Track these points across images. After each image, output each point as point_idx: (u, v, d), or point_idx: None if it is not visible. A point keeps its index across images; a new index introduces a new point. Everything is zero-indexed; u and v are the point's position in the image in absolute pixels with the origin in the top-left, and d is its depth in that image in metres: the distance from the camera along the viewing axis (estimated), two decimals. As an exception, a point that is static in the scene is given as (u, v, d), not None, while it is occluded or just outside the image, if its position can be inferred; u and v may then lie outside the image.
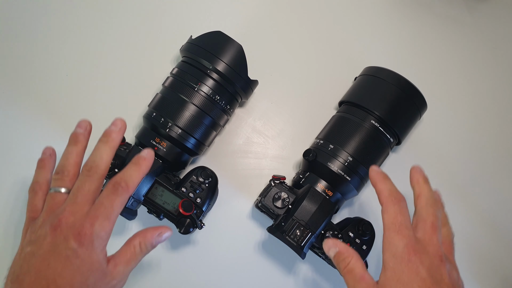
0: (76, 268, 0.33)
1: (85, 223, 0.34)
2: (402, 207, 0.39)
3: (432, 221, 0.38)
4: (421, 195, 0.40)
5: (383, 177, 0.42)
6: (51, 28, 0.60)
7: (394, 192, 0.40)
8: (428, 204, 0.39)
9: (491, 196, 0.62)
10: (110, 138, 0.38)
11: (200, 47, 0.50)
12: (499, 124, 0.66)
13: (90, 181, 0.36)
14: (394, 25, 0.67)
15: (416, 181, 0.42)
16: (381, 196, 0.40)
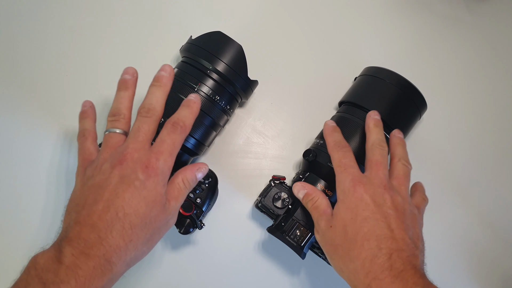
0: (142, 198, 0.35)
1: (150, 157, 0.36)
2: (346, 152, 0.45)
3: (377, 159, 0.44)
4: (369, 139, 0.46)
5: (332, 130, 0.47)
6: (51, 28, 0.60)
7: (338, 141, 0.46)
8: (373, 145, 0.45)
9: (491, 196, 0.62)
10: (162, 83, 0.40)
11: (200, 47, 0.50)
12: (499, 124, 0.66)
13: (149, 122, 0.39)
14: (394, 25, 0.67)
15: (367, 126, 0.48)
16: (328, 147, 0.46)
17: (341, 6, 0.67)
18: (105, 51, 0.60)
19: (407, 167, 0.46)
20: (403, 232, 0.40)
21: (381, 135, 0.46)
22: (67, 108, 0.58)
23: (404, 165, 0.46)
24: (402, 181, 0.45)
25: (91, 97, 0.59)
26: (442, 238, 0.60)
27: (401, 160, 0.46)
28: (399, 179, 0.45)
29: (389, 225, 0.39)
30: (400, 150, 0.47)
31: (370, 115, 0.48)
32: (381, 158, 0.44)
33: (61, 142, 0.56)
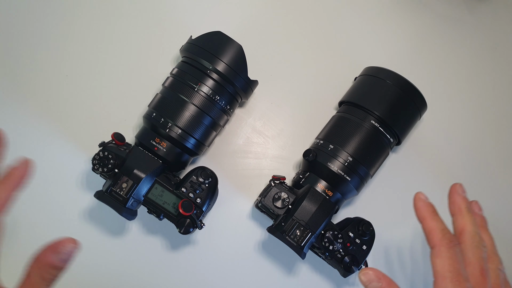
0: None
1: None
2: (458, 253, 0.35)
3: (481, 266, 0.35)
4: (465, 231, 0.37)
5: (432, 211, 0.38)
6: (51, 28, 0.60)
7: (447, 233, 0.36)
8: (474, 244, 0.36)
9: (491, 196, 0.62)
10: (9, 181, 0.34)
11: (200, 47, 0.50)
12: (499, 124, 0.66)
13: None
14: (394, 25, 0.67)
15: (458, 209, 0.39)
16: (433, 236, 0.36)
17: (341, 6, 0.67)
18: (105, 51, 0.60)
19: (502, 272, 0.38)
20: None
21: (477, 226, 0.38)
22: (67, 108, 0.58)
23: (500, 271, 0.38)
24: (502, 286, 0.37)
25: (91, 97, 0.59)
26: (442, 238, 0.60)
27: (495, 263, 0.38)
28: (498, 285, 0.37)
29: None
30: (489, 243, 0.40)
31: (458, 191, 0.40)
32: (485, 264, 0.36)
33: (61, 142, 0.56)
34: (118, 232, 0.55)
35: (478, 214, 0.41)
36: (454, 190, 0.40)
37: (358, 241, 0.49)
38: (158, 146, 0.49)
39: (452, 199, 0.40)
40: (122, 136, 0.51)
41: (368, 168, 0.52)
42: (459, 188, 0.40)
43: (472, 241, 0.36)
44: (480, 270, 0.35)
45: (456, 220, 0.38)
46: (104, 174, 0.48)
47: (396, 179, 0.61)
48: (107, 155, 0.48)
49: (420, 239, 0.60)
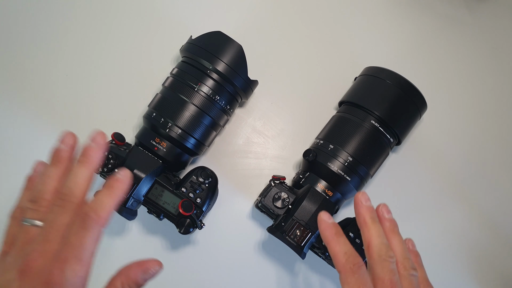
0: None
1: (54, 268, 0.28)
2: (364, 274, 0.34)
3: (390, 279, 0.34)
4: (371, 245, 0.36)
5: (335, 233, 0.37)
6: (51, 28, 0.60)
7: (351, 256, 0.35)
8: (381, 257, 0.35)
9: (491, 196, 0.62)
10: (88, 159, 0.33)
11: (200, 47, 0.50)
12: (499, 124, 0.66)
13: (63, 212, 0.30)
14: (394, 25, 0.67)
15: (363, 221, 0.38)
16: (337, 261, 0.36)
17: (341, 6, 0.67)
18: (105, 51, 0.60)
19: (415, 276, 0.36)
20: None
21: (383, 237, 0.37)
22: (67, 108, 0.58)
23: (413, 275, 0.36)
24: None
25: (91, 97, 0.59)
26: (442, 237, 0.60)
27: (407, 269, 0.36)
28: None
29: None
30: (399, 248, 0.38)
31: (361, 200, 0.39)
32: (393, 276, 0.34)
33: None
34: (118, 232, 0.55)
35: (387, 219, 0.40)
36: (357, 201, 0.39)
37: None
38: (158, 146, 0.49)
39: (357, 211, 0.39)
40: (122, 136, 0.51)
41: (368, 168, 0.52)
42: (362, 197, 0.39)
43: (379, 255, 0.35)
44: (390, 285, 0.34)
45: (363, 233, 0.38)
46: (104, 174, 0.48)
47: (396, 179, 0.61)
48: (107, 155, 0.48)
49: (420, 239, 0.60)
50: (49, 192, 0.32)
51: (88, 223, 0.30)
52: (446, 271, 0.59)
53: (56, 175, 0.33)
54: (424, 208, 0.60)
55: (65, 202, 0.31)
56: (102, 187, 0.32)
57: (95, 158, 0.33)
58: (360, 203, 0.39)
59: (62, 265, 0.28)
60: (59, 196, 0.31)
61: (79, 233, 0.29)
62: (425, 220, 0.60)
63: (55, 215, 0.30)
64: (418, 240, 0.59)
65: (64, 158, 0.34)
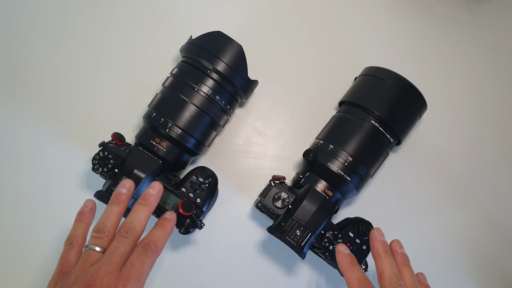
0: None
1: (118, 284, 0.34)
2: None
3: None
4: (383, 274, 0.41)
5: (349, 262, 0.43)
6: (51, 28, 0.60)
7: (364, 282, 0.40)
8: (391, 284, 0.40)
9: (491, 195, 0.62)
10: (148, 202, 0.40)
11: (200, 47, 0.50)
12: (499, 124, 0.66)
13: (126, 242, 0.37)
14: (394, 25, 0.67)
15: (377, 254, 0.43)
16: (350, 286, 0.41)
17: (341, 6, 0.67)
18: (105, 51, 0.60)
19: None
20: None
21: (395, 268, 0.42)
22: (67, 108, 0.58)
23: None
24: None
25: (91, 97, 0.59)
26: (442, 237, 0.60)
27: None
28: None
29: None
30: (409, 279, 0.42)
31: (376, 236, 0.46)
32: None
33: (61, 142, 0.56)
34: (118, 232, 0.55)
35: (399, 253, 0.45)
36: (373, 236, 0.45)
37: (358, 241, 0.49)
38: (158, 146, 0.49)
39: (372, 244, 0.45)
40: (122, 136, 0.51)
41: (368, 168, 0.52)
42: (377, 233, 0.45)
43: (390, 283, 0.40)
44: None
45: (376, 264, 0.43)
46: (104, 174, 0.48)
47: (396, 179, 0.61)
48: (107, 155, 0.48)
49: (420, 239, 0.60)
50: (112, 226, 0.38)
51: (149, 252, 0.37)
52: (446, 271, 0.59)
53: (118, 212, 0.40)
54: (424, 208, 0.60)
55: (128, 234, 0.37)
56: (155, 226, 0.40)
57: (154, 203, 0.41)
58: (375, 238, 0.45)
59: (125, 283, 0.34)
60: (123, 229, 0.38)
61: (141, 258, 0.36)
62: (425, 220, 0.60)
63: (118, 243, 0.36)
64: (418, 240, 0.60)
65: (124, 200, 0.40)
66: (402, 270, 0.43)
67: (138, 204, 0.40)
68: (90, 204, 0.42)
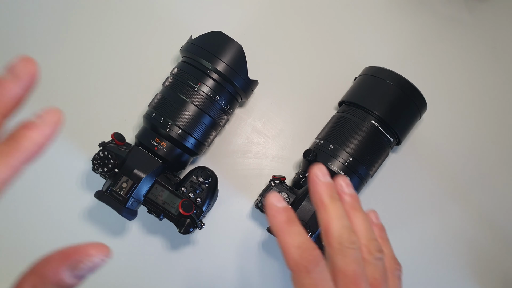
0: None
1: None
2: (320, 273, 0.27)
3: (353, 270, 0.28)
4: (329, 229, 0.30)
5: (286, 220, 0.30)
6: (51, 28, 0.60)
7: (306, 250, 0.28)
8: (341, 244, 0.29)
9: (491, 196, 0.62)
10: None
11: (200, 47, 0.50)
12: (499, 124, 0.66)
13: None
14: (394, 25, 0.67)
15: (320, 201, 0.31)
16: (288, 257, 0.29)
17: (341, 6, 0.67)
18: (105, 51, 0.60)
19: (381, 260, 0.31)
20: None
21: (344, 218, 0.30)
22: (67, 108, 0.58)
23: (379, 259, 0.31)
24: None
25: (91, 97, 0.59)
26: (442, 237, 0.60)
27: (372, 253, 0.30)
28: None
29: None
30: (362, 227, 0.32)
31: (317, 174, 0.31)
32: (358, 266, 0.28)
33: (61, 142, 0.56)
34: (118, 232, 0.55)
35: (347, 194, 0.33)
36: (312, 176, 0.31)
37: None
38: (158, 146, 0.49)
39: (312, 189, 0.31)
40: (122, 136, 0.51)
41: (368, 168, 0.52)
42: (318, 171, 0.31)
43: (339, 242, 0.29)
44: (353, 279, 0.28)
45: (319, 216, 0.31)
46: (104, 174, 0.48)
47: (396, 179, 0.61)
48: (107, 155, 0.48)
49: (420, 239, 0.60)
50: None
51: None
52: (446, 271, 0.59)
53: None
54: (424, 208, 0.60)
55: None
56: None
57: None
58: (315, 179, 0.31)
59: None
60: None
61: None
62: (425, 220, 0.60)
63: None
64: (419, 239, 0.60)
65: None
66: (352, 216, 0.32)
67: None
68: None
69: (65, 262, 0.21)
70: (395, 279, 0.33)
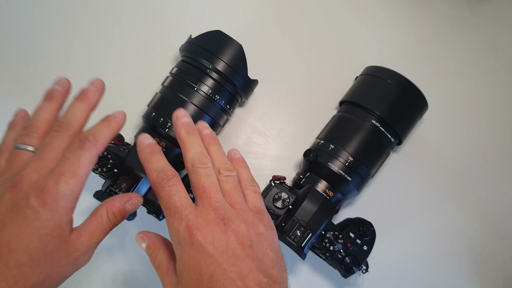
0: (34, 231, 0.28)
1: (49, 180, 0.29)
2: (173, 185, 0.33)
3: (203, 183, 0.33)
4: (186, 157, 0.35)
5: (150, 152, 0.35)
6: (51, 28, 0.60)
7: (162, 171, 0.34)
8: (194, 165, 0.34)
9: (491, 195, 0.62)
10: (86, 97, 0.35)
11: (199, 46, 0.50)
12: (500, 123, 0.65)
13: (60, 137, 0.32)
14: (395, 24, 0.67)
15: (179, 138, 0.36)
16: (150, 180, 0.34)
17: (341, 5, 0.67)
18: (105, 51, 0.60)
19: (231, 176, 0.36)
20: (257, 274, 0.31)
21: (199, 146, 0.36)
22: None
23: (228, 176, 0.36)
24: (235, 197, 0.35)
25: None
26: (442, 237, 0.60)
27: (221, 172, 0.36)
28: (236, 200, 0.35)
29: (240, 273, 0.30)
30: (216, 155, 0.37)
31: (178, 117, 0.37)
32: (208, 179, 0.34)
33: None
34: (117, 234, 0.55)
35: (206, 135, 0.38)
36: (173, 119, 0.37)
37: (359, 242, 0.49)
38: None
39: (174, 129, 0.37)
40: (122, 136, 0.51)
41: (369, 168, 0.52)
42: (178, 113, 0.37)
43: (192, 164, 0.34)
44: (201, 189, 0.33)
45: (179, 141, 0.37)
46: (104, 174, 0.48)
47: (397, 179, 0.61)
48: (106, 155, 0.48)
49: (421, 239, 0.59)
50: (42, 122, 0.33)
51: (87, 145, 0.31)
52: (446, 271, 0.59)
53: (50, 109, 0.34)
54: (425, 208, 0.60)
55: (63, 129, 0.32)
56: (99, 121, 0.34)
57: (94, 98, 0.36)
58: (175, 122, 0.37)
59: (58, 178, 0.29)
60: (56, 124, 0.33)
61: (77, 151, 0.31)
62: (426, 220, 0.60)
63: (50, 138, 0.32)
64: (419, 239, 0.59)
65: (57, 97, 0.35)
66: (209, 149, 0.37)
67: (75, 99, 0.35)
68: (22, 113, 0.37)
69: (124, 199, 0.34)
70: (251, 192, 0.38)
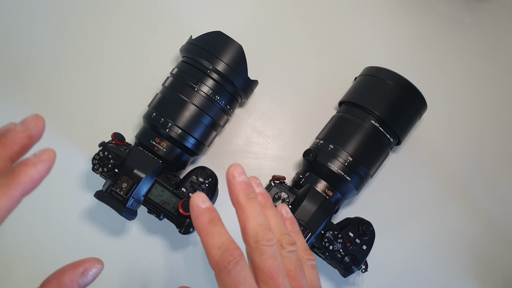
0: None
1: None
2: (241, 272, 0.29)
3: (270, 266, 0.29)
4: (246, 228, 0.32)
5: (208, 221, 0.31)
6: (51, 28, 0.60)
7: (227, 250, 0.30)
8: (258, 242, 0.30)
9: (491, 196, 0.62)
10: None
11: (200, 47, 0.50)
12: (499, 124, 0.66)
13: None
14: (394, 25, 0.67)
15: (236, 201, 0.33)
16: (210, 257, 0.30)
17: (341, 6, 0.67)
18: (105, 51, 0.60)
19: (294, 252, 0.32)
20: None
21: (261, 217, 0.32)
22: (67, 108, 0.58)
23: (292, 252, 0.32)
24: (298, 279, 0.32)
25: (91, 97, 0.59)
26: (442, 237, 0.60)
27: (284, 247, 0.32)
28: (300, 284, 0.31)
29: None
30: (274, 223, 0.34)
31: (234, 175, 0.33)
32: (274, 261, 0.30)
33: (61, 142, 0.56)
34: (118, 232, 0.55)
35: (259, 194, 0.35)
36: (229, 178, 0.33)
37: (358, 241, 0.49)
38: (158, 146, 0.49)
39: (230, 188, 0.33)
40: (122, 136, 0.51)
41: (368, 168, 0.52)
42: (234, 171, 0.33)
43: (256, 241, 0.31)
44: (269, 276, 0.29)
45: (237, 215, 0.33)
46: (104, 174, 0.48)
47: (396, 179, 0.61)
48: (107, 155, 0.48)
49: (420, 239, 0.60)
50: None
51: None
52: (446, 271, 0.59)
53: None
54: (424, 208, 0.60)
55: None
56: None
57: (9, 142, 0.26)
58: (231, 180, 0.33)
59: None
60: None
61: None
62: (426, 220, 0.60)
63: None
64: (419, 239, 0.60)
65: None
66: (267, 215, 0.34)
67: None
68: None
69: (76, 271, 0.27)
70: (309, 269, 0.35)
